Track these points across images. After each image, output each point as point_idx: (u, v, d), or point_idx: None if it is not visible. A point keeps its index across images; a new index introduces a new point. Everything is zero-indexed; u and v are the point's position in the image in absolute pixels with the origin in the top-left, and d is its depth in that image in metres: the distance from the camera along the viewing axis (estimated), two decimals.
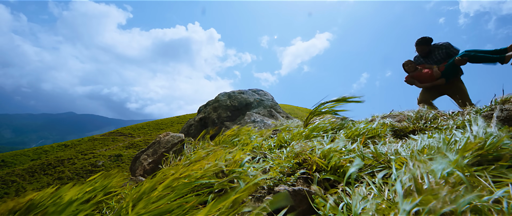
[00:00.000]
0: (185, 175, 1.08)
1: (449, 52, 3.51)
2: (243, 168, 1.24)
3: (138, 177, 2.10)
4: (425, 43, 3.65)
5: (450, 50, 3.51)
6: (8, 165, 18.81)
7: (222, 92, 7.46)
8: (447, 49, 3.52)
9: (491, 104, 1.85)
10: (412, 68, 3.82)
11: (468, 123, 1.48)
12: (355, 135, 1.62)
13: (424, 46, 3.67)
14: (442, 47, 3.56)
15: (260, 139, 2.05)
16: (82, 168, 15.73)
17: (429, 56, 3.69)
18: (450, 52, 3.51)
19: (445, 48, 3.54)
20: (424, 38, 3.65)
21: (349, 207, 0.79)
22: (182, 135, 2.63)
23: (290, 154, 1.34)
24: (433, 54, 3.64)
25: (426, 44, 3.65)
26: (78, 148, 20.33)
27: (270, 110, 6.43)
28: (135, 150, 18.16)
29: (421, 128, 1.68)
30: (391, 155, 1.05)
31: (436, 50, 3.61)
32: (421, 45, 3.70)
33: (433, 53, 3.64)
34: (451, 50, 3.51)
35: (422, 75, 3.69)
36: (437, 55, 3.60)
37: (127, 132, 23.83)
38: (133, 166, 2.69)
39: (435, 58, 3.64)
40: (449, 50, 3.51)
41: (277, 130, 2.63)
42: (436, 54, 3.61)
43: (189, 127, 6.85)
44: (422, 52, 3.72)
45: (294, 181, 1.10)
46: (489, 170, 0.78)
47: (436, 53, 3.61)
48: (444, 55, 3.55)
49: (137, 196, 0.98)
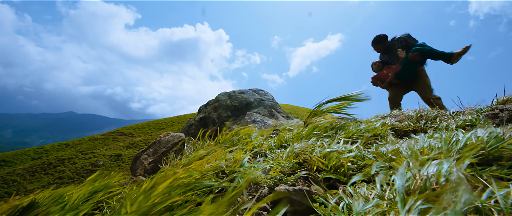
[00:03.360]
0: (186, 175, 1.08)
1: (408, 44, 3.42)
2: (243, 167, 1.24)
3: (139, 177, 2.10)
4: (379, 42, 3.62)
5: (408, 42, 3.42)
6: (8, 165, 18.85)
7: (222, 92, 7.46)
8: (406, 41, 3.44)
9: (492, 104, 1.85)
10: (379, 68, 3.80)
11: (469, 122, 1.48)
12: (356, 135, 1.61)
13: (378, 45, 3.64)
14: (401, 40, 3.48)
15: (261, 139, 2.05)
16: (83, 168, 15.76)
17: (390, 52, 3.62)
18: (408, 44, 3.41)
19: (404, 41, 3.45)
20: (377, 37, 3.64)
21: (350, 207, 0.79)
22: (182, 135, 2.63)
23: (291, 153, 1.34)
24: (393, 49, 3.57)
25: (381, 43, 3.61)
26: (79, 148, 20.35)
27: (271, 109, 6.43)
28: (136, 150, 18.18)
29: (422, 128, 1.67)
30: (392, 155, 1.05)
31: (396, 44, 3.53)
32: (376, 45, 3.68)
33: (394, 48, 3.57)
34: (408, 42, 3.42)
35: (383, 76, 3.68)
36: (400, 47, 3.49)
37: (127, 131, 23.85)
38: (133, 166, 2.69)
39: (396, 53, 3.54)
40: (407, 42, 3.43)
41: (278, 129, 2.63)
42: (396, 48, 3.52)
43: (189, 127, 6.85)
44: (379, 50, 3.70)
45: (294, 180, 1.10)
46: (490, 170, 0.78)
47: (396, 47, 3.53)
48: (404, 48, 3.44)
49: (137, 196, 0.98)
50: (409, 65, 3.19)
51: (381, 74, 3.70)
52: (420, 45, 3.17)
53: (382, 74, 3.68)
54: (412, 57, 3.09)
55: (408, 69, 3.23)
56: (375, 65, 3.84)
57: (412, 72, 3.25)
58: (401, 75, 3.34)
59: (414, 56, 3.07)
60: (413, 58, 3.10)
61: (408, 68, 3.22)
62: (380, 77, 3.71)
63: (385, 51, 3.68)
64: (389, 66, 3.66)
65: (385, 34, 3.62)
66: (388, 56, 3.67)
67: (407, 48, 3.40)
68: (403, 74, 3.31)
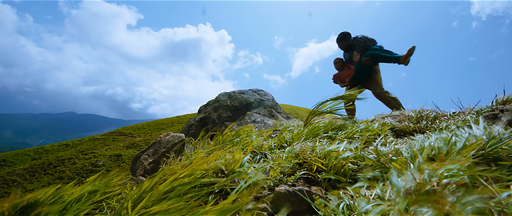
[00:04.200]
0: (186, 175, 1.08)
1: (365, 46, 3.54)
2: (243, 167, 1.24)
3: (139, 177, 2.10)
4: (343, 40, 3.72)
5: (366, 44, 3.55)
6: (8, 165, 18.85)
7: (222, 92, 7.46)
8: (365, 42, 3.57)
9: (492, 105, 1.85)
10: (341, 67, 3.93)
11: (469, 123, 1.48)
12: (356, 135, 1.62)
13: (343, 42, 3.74)
14: (361, 41, 3.61)
15: (261, 139, 2.05)
16: (83, 168, 15.75)
17: (353, 49, 3.73)
18: (366, 46, 3.54)
19: (363, 42, 3.58)
20: (341, 34, 3.73)
21: (350, 207, 0.79)
22: (182, 135, 2.63)
23: (291, 154, 1.34)
24: (355, 49, 3.68)
25: (345, 40, 3.71)
26: (79, 148, 20.35)
27: (271, 110, 6.43)
28: (136, 150, 18.18)
29: (422, 128, 1.67)
30: (392, 156, 1.05)
31: (357, 44, 3.65)
32: (340, 42, 3.77)
33: (355, 47, 3.68)
34: (367, 44, 3.54)
35: (342, 77, 3.81)
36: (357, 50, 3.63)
37: (127, 131, 23.86)
38: (133, 166, 2.69)
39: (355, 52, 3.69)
40: (365, 44, 3.55)
41: (278, 130, 2.63)
42: (357, 48, 3.64)
43: (189, 127, 6.85)
44: (343, 47, 3.79)
45: (294, 181, 1.10)
46: (490, 170, 0.78)
47: (357, 47, 3.65)
48: (362, 49, 3.57)
49: (137, 196, 0.98)
50: (362, 69, 3.40)
51: (341, 74, 3.85)
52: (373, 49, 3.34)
53: (342, 75, 3.84)
54: (364, 61, 3.30)
55: (361, 73, 3.44)
56: (336, 64, 3.99)
57: (366, 75, 3.46)
58: (355, 79, 3.54)
59: (366, 60, 3.28)
60: (365, 63, 3.29)
61: (361, 72, 3.44)
62: (340, 77, 3.87)
63: (347, 49, 3.81)
64: (349, 67, 3.82)
65: (349, 32, 3.74)
66: (350, 54, 3.81)
67: (364, 50, 3.56)
68: (357, 77, 3.51)
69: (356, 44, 3.64)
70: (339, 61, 3.94)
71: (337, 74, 3.93)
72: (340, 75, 3.84)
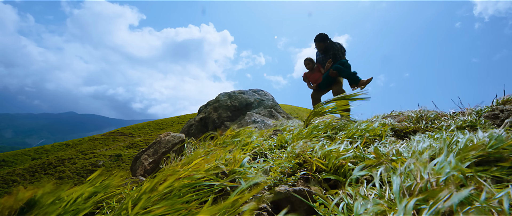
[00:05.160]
0: (186, 175, 1.08)
1: (336, 55, 3.75)
2: (243, 168, 1.24)
3: (139, 177, 2.10)
4: (321, 40, 3.85)
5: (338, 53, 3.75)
6: (8, 165, 18.85)
7: (222, 92, 7.46)
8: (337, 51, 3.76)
9: (492, 105, 1.84)
10: (310, 67, 4.14)
11: (470, 123, 1.48)
12: (356, 135, 1.61)
13: (321, 43, 3.87)
14: (335, 48, 3.78)
15: (261, 139, 2.05)
16: (83, 168, 15.75)
17: (327, 53, 3.88)
18: (337, 56, 3.75)
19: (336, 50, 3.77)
20: (320, 35, 3.86)
21: (350, 207, 0.79)
22: (182, 135, 2.63)
23: (291, 154, 1.34)
24: (329, 53, 3.84)
25: (322, 41, 3.84)
26: (79, 148, 20.35)
27: (271, 110, 6.43)
28: (136, 150, 18.17)
29: (422, 128, 1.67)
30: (392, 156, 1.05)
31: (331, 49, 3.81)
32: (317, 42, 3.90)
33: (329, 52, 3.84)
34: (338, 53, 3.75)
35: (311, 78, 4.05)
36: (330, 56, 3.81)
37: (127, 131, 23.85)
38: (133, 166, 2.69)
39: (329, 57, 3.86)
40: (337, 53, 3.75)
41: (278, 130, 2.63)
42: (330, 53, 3.82)
43: (189, 127, 6.85)
44: (320, 48, 3.92)
45: (294, 181, 1.10)
46: (490, 170, 0.77)
47: (330, 52, 3.82)
48: (333, 57, 3.77)
49: (138, 196, 0.98)
50: (328, 79, 3.77)
51: (311, 76, 4.09)
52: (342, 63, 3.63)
53: (311, 77, 4.05)
54: (332, 74, 3.63)
55: (328, 82, 3.82)
56: (307, 65, 4.18)
57: (329, 83, 3.85)
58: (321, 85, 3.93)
59: (334, 73, 3.62)
60: (332, 75, 3.65)
61: (327, 81, 3.81)
62: (309, 77, 4.10)
63: (323, 51, 3.94)
64: (319, 69, 4.04)
65: (326, 34, 3.87)
66: (324, 57, 3.96)
67: (334, 58, 3.79)
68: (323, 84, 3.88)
69: (330, 50, 3.81)
70: (309, 62, 4.15)
71: (307, 73, 4.15)
72: (309, 77, 4.09)
